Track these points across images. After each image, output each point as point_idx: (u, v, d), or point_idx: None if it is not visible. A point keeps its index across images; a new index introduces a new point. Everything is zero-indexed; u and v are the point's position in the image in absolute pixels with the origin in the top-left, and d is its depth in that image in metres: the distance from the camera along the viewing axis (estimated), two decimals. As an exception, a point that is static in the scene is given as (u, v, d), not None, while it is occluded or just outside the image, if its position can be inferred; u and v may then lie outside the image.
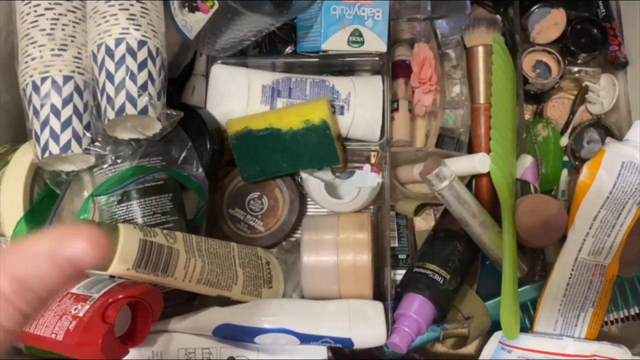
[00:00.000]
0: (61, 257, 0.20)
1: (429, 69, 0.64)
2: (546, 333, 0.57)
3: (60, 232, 0.21)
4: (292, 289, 0.61)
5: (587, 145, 0.70)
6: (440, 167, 0.57)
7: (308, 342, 0.55)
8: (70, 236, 0.20)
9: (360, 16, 0.60)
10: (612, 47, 0.68)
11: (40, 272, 0.20)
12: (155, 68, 0.54)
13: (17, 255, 0.20)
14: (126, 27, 0.53)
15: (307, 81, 0.64)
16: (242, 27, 0.56)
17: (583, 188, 0.56)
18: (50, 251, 0.20)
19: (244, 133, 0.60)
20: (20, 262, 0.20)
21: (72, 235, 0.20)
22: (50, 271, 0.20)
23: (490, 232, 0.59)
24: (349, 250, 0.58)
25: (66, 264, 0.20)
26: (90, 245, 0.21)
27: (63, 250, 0.20)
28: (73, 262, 0.20)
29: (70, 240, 0.20)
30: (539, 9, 0.69)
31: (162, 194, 0.57)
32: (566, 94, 0.73)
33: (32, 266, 0.20)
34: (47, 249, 0.20)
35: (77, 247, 0.20)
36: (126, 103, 0.52)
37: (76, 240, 0.20)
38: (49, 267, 0.20)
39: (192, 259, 0.53)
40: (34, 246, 0.20)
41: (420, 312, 0.56)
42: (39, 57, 0.54)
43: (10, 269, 0.20)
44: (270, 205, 0.64)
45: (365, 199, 0.62)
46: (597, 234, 0.55)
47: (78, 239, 0.20)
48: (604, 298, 0.56)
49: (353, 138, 0.65)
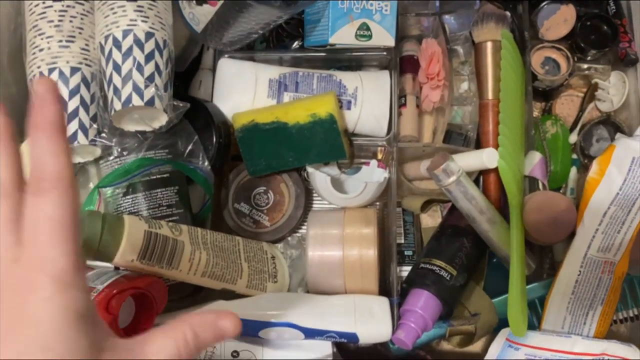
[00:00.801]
0: (217, 327, 0.31)
1: (437, 64, 0.63)
2: (554, 331, 0.56)
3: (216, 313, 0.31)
4: (297, 284, 0.61)
5: (596, 143, 0.69)
6: (448, 162, 0.56)
7: (313, 337, 0.54)
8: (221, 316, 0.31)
9: (368, 10, 0.60)
10: (623, 44, 0.68)
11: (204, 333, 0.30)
12: (162, 60, 0.54)
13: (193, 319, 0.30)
14: (134, 19, 0.53)
15: (314, 75, 0.64)
16: (250, 19, 0.56)
17: (592, 184, 0.56)
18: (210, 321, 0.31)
19: (251, 126, 0.60)
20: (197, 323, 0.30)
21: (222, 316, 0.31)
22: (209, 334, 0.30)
23: (498, 229, 0.58)
24: (354, 245, 0.57)
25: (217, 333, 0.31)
26: (233, 325, 0.31)
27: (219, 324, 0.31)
28: (221, 333, 0.31)
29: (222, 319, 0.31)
30: (548, 5, 0.69)
31: (168, 186, 0.57)
32: (575, 91, 0.72)
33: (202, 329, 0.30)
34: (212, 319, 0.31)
35: (227, 325, 0.31)
36: (133, 94, 0.52)
37: (225, 320, 0.31)
38: (209, 331, 0.30)
39: (197, 252, 0.53)
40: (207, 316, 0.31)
41: (426, 308, 0.55)
42: (46, 49, 0.54)
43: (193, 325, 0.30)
44: (276, 200, 0.64)
45: (372, 194, 0.61)
46: (606, 230, 0.54)
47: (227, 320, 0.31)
48: (614, 296, 0.55)
49: (360, 133, 0.65)
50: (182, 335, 0.29)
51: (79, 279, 0.26)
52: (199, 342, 0.30)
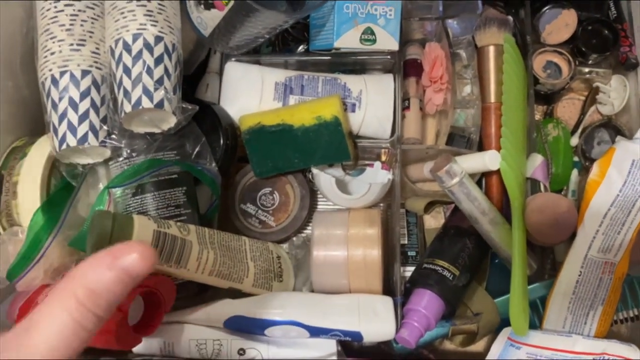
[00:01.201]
0: (119, 268, 0.25)
1: (440, 68, 0.64)
2: (555, 330, 0.57)
3: (116, 249, 0.26)
4: (302, 284, 0.62)
5: (597, 145, 0.70)
6: (451, 164, 0.57)
7: (318, 335, 0.55)
8: (124, 251, 0.26)
9: (372, 15, 0.61)
10: (623, 48, 0.69)
11: (106, 282, 0.25)
12: (171, 63, 0.55)
13: (86, 271, 0.25)
14: (143, 23, 0.55)
15: (319, 79, 0.65)
16: (257, 24, 0.57)
17: (593, 186, 0.57)
18: (110, 264, 0.25)
19: (257, 129, 0.61)
20: (90, 275, 0.25)
21: (126, 250, 0.26)
22: (113, 280, 0.25)
23: (500, 230, 0.59)
24: (359, 245, 0.58)
25: (123, 274, 0.25)
26: (140, 256, 0.26)
27: (120, 263, 0.25)
28: (129, 271, 0.26)
29: (124, 255, 0.26)
30: (550, 9, 0.70)
31: (176, 187, 0.58)
32: (577, 94, 0.73)
33: (99, 278, 0.25)
34: (108, 262, 0.25)
35: (132, 258, 0.26)
36: (142, 96, 0.53)
37: (129, 254, 0.26)
38: (111, 277, 0.25)
39: (205, 251, 0.54)
40: (99, 262, 0.26)
41: (429, 307, 0.56)
42: (58, 52, 0.55)
43: (83, 281, 0.25)
44: (281, 201, 0.65)
45: (376, 195, 0.62)
46: (607, 231, 0.55)
47: (131, 253, 0.26)
48: (614, 296, 0.56)
49: (364, 135, 0.66)
50: (70, 297, 0.24)
51: None
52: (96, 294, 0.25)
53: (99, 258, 0.25)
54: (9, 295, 0.57)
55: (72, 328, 0.24)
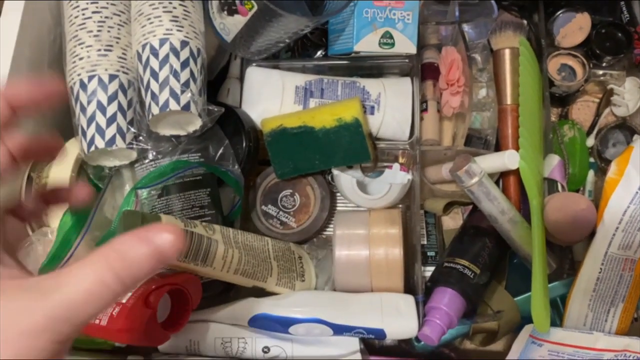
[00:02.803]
0: (153, 245, 0.26)
1: (456, 71, 0.66)
2: (576, 328, 0.58)
3: (152, 227, 0.26)
4: (324, 283, 0.63)
5: (612, 146, 0.71)
6: (470, 163, 0.58)
7: (341, 333, 0.56)
8: (159, 230, 0.26)
9: (391, 19, 0.63)
10: (637, 50, 0.70)
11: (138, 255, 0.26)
12: (197, 67, 0.57)
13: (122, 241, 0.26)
14: (169, 29, 0.56)
15: (339, 82, 0.66)
16: (279, 29, 0.59)
17: (611, 184, 0.57)
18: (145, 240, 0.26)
19: (279, 131, 0.63)
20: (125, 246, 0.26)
21: (161, 229, 0.26)
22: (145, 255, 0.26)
23: (519, 228, 0.60)
24: (380, 244, 0.59)
25: (156, 251, 0.26)
26: (174, 236, 0.26)
27: (155, 239, 0.26)
28: (161, 249, 0.26)
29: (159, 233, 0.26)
30: (563, 13, 0.71)
31: (200, 188, 0.59)
32: (591, 96, 0.74)
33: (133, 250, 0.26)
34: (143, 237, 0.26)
35: (165, 237, 0.26)
36: (170, 99, 0.54)
37: (164, 233, 0.26)
38: (144, 252, 0.26)
39: (230, 250, 0.55)
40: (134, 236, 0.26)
41: (451, 305, 0.57)
42: (86, 57, 0.57)
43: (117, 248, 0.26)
44: (302, 202, 0.66)
45: (396, 196, 0.63)
46: (626, 228, 0.56)
47: (165, 232, 0.26)
48: (635, 293, 0.56)
49: (383, 137, 0.67)
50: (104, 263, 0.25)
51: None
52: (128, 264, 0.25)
53: (135, 233, 0.26)
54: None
55: (99, 289, 0.25)
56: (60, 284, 0.25)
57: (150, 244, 0.26)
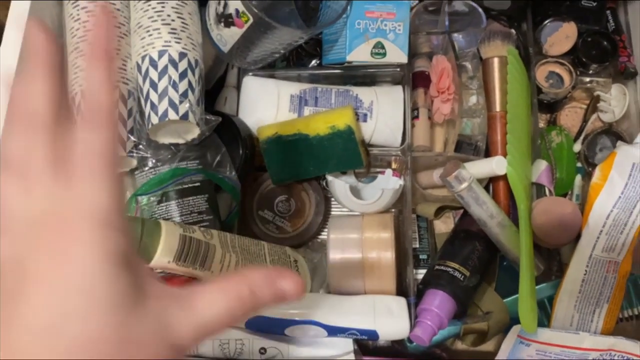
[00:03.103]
0: (276, 287, 0.28)
1: (447, 79, 0.67)
2: (563, 328, 0.60)
3: (284, 272, 0.29)
4: (319, 286, 0.65)
5: (599, 152, 0.73)
6: (460, 169, 0.60)
7: (335, 334, 0.58)
8: (282, 275, 0.29)
9: (382, 30, 0.65)
10: (622, 58, 0.72)
11: (265, 294, 0.28)
12: (195, 77, 0.59)
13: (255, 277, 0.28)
14: (168, 41, 0.58)
15: (332, 91, 0.68)
16: (274, 40, 0.61)
17: (596, 189, 0.59)
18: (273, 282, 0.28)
19: (274, 138, 0.65)
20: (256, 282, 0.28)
21: (284, 274, 0.29)
22: (269, 295, 0.28)
23: (507, 232, 0.62)
24: (373, 248, 0.61)
25: (276, 293, 0.28)
26: (295, 286, 0.29)
27: (279, 283, 0.28)
28: (281, 294, 0.28)
29: (283, 278, 0.29)
30: (551, 22, 0.73)
31: (198, 194, 0.61)
32: (578, 103, 0.76)
33: (261, 288, 0.28)
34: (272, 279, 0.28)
35: (288, 285, 0.28)
36: (169, 109, 0.56)
37: (287, 280, 0.28)
38: (269, 293, 0.28)
39: (228, 254, 0.57)
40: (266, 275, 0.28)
41: (441, 306, 0.59)
42: (87, 68, 0.59)
43: (250, 283, 0.28)
44: (297, 207, 0.68)
45: (388, 200, 0.65)
46: (610, 231, 0.58)
47: (289, 279, 0.29)
48: (619, 294, 0.58)
49: (376, 144, 0.69)
50: (236, 292, 0.27)
51: (120, 220, 0.25)
52: (255, 300, 0.27)
53: (267, 273, 0.29)
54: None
55: (225, 315, 0.27)
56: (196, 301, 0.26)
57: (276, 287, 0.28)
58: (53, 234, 0.24)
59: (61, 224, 0.24)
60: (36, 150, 0.25)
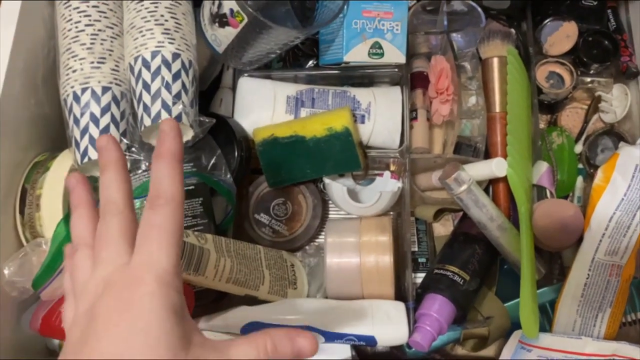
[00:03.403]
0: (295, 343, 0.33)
1: (445, 79, 0.66)
2: (565, 333, 0.58)
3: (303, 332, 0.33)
4: (316, 291, 0.63)
5: (601, 153, 0.72)
6: (459, 171, 0.59)
7: (332, 340, 0.56)
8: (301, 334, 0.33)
9: (380, 30, 0.64)
10: (624, 58, 0.71)
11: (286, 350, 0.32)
12: (188, 79, 0.58)
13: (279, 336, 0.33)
14: (161, 41, 0.57)
15: (330, 92, 0.67)
16: (269, 40, 0.60)
17: (598, 191, 0.58)
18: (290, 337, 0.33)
19: (270, 140, 0.63)
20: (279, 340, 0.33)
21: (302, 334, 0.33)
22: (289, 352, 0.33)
23: (508, 235, 0.61)
24: (371, 252, 0.60)
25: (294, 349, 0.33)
26: (311, 343, 0.33)
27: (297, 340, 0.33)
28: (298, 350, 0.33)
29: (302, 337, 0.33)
30: (551, 22, 0.72)
31: (193, 198, 0.60)
32: (579, 103, 0.75)
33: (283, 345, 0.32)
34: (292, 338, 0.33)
35: (305, 342, 0.33)
36: (162, 111, 0.55)
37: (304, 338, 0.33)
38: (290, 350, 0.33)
39: (222, 259, 0.56)
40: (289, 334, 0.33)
41: (441, 311, 0.58)
42: (79, 70, 0.58)
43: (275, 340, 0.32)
44: (294, 211, 0.67)
45: (386, 203, 0.64)
46: (612, 234, 0.56)
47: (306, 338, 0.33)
48: (621, 298, 0.57)
49: (373, 146, 0.68)
50: (263, 345, 0.32)
51: (177, 281, 0.31)
52: (277, 354, 0.32)
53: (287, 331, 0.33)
54: (33, 304, 0.59)
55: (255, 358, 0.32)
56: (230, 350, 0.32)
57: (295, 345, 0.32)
58: (122, 287, 0.30)
59: (130, 280, 0.30)
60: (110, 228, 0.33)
